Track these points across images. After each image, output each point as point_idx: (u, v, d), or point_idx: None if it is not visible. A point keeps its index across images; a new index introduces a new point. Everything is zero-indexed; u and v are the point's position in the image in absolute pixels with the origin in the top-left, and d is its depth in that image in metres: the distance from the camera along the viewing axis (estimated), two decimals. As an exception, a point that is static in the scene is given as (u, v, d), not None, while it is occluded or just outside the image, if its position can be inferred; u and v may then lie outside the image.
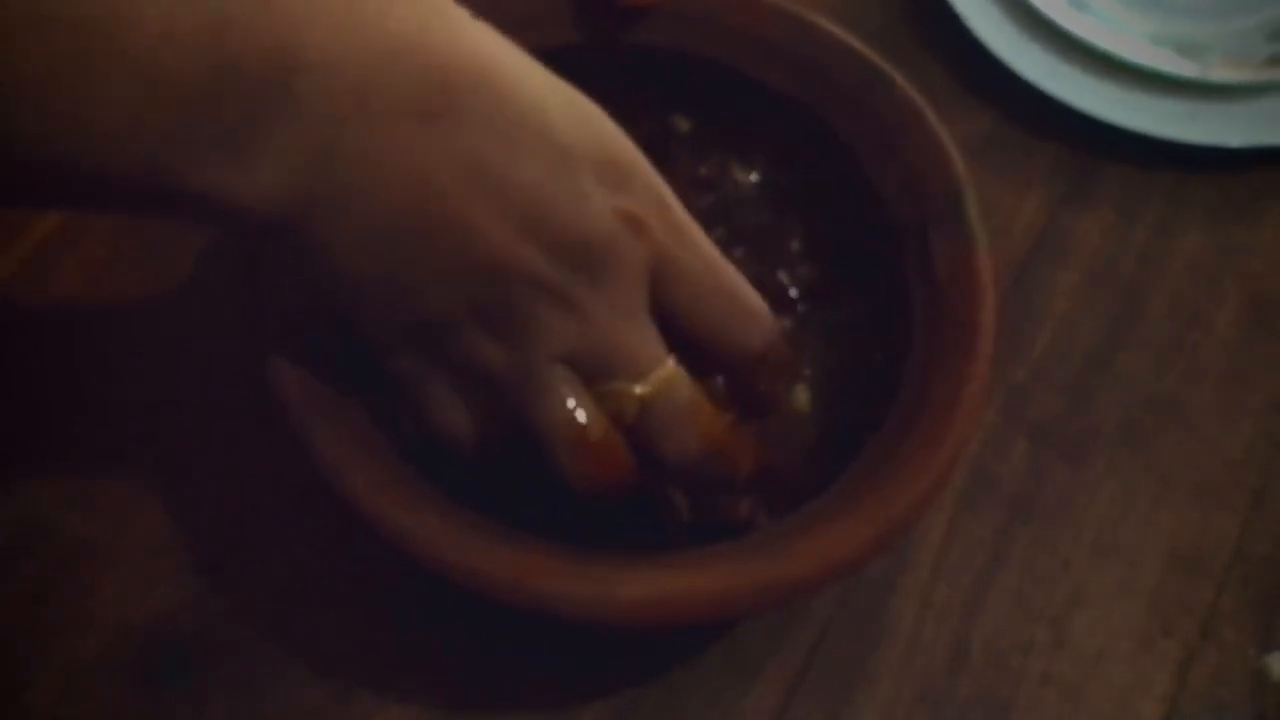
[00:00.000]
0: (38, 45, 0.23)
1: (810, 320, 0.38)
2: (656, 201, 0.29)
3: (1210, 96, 0.48)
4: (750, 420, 0.34)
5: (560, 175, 0.27)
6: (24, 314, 0.41)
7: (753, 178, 0.41)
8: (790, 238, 0.40)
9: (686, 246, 0.30)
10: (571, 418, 0.29)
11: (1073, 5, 0.50)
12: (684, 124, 0.41)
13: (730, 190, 0.41)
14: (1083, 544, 0.40)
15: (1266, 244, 0.46)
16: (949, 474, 0.32)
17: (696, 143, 0.41)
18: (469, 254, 0.27)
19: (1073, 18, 0.49)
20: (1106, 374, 0.43)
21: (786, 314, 0.38)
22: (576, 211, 0.28)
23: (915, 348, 0.33)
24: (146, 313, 0.41)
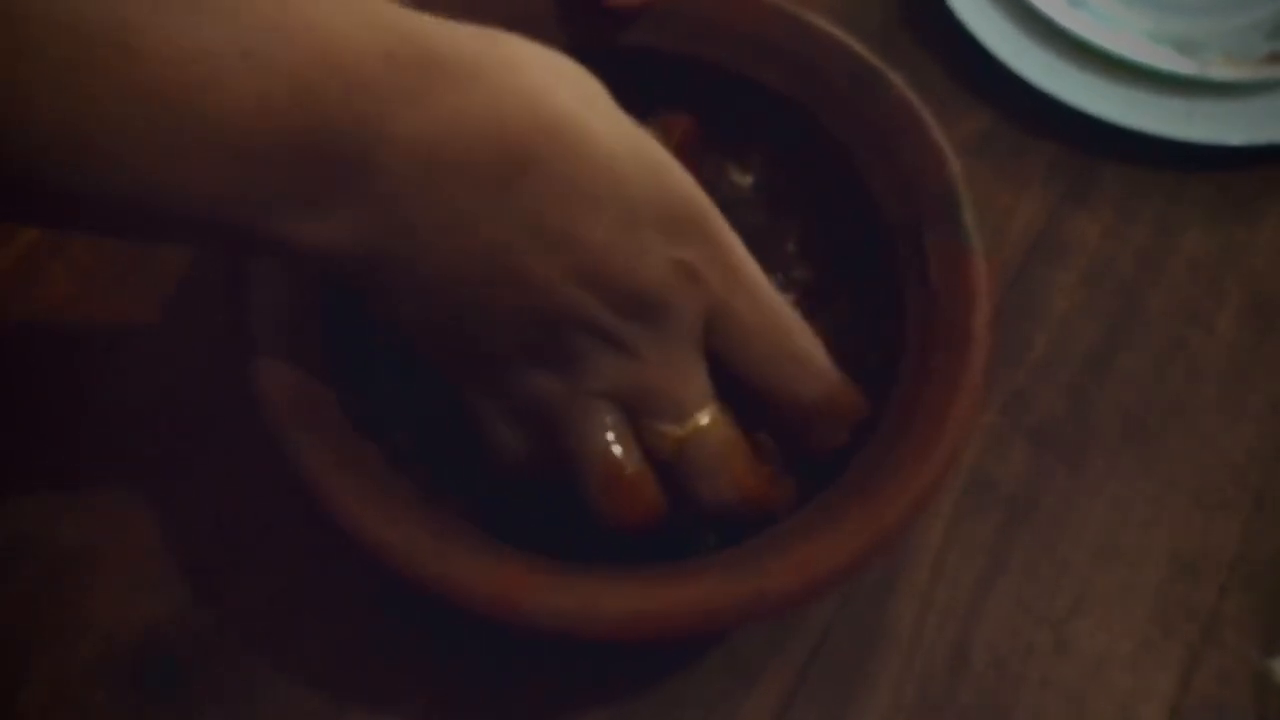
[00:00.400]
0: (137, 112, 0.24)
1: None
2: (716, 251, 0.30)
3: (1209, 94, 0.48)
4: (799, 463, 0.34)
5: (623, 231, 0.28)
6: (11, 320, 0.41)
7: (749, 179, 0.41)
8: (786, 239, 0.40)
9: (742, 295, 0.31)
10: (608, 450, 0.31)
11: (1070, 3, 0.49)
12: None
13: (727, 192, 0.40)
14: (1083, 547, 0.39)
15: (1267, 243, 0.46)
16: (939, 485, 0.31)
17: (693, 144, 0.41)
18: (528, 303, 0.29)
19: (1071, 16, 0.49)
20: (1106, 375, 0.43)
21: None
22: (634, 265, 0.29)
23: (908, 354, 0.33)
24: (135, 319, 0.41)
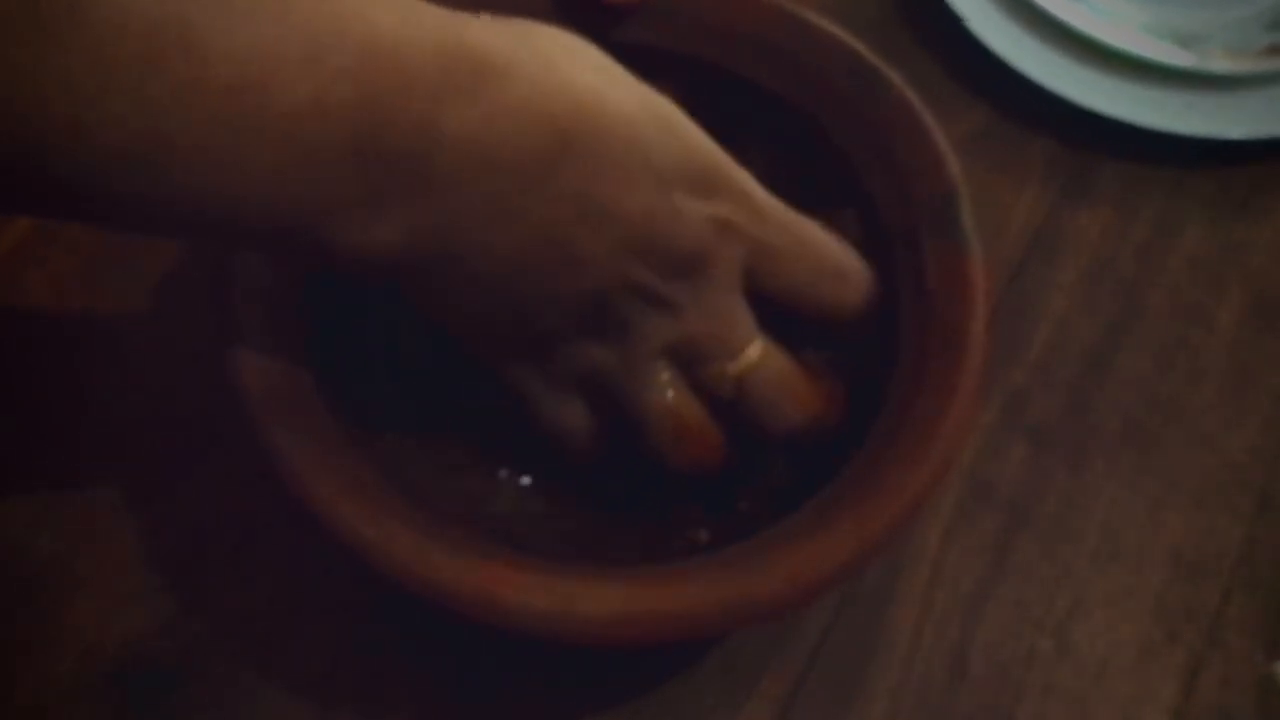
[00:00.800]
0: (201, 111, 0.24)
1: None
2: (740, 196, 0.31)
3: (1209, 87, 0.48)
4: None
5: (659, 199, 0.30)
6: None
7: None
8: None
9: (773, 230, 0.32)
10: (672, 405, 0.33)
11: (1068, -4, 0.49)
12: None
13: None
14: (1084, 550, 0.39)
15: (1269, 239, 0.46)
16: (933, 490, 0.31)
17: None
18: (581, 280, 0.30)
19: (1068, 9, 0.49)
20: (1106, 374, 0.42)
21: None
22: (673, 229, 0.30)
23: (903, 358, 0.33)
24: (116, 326, 0.41)
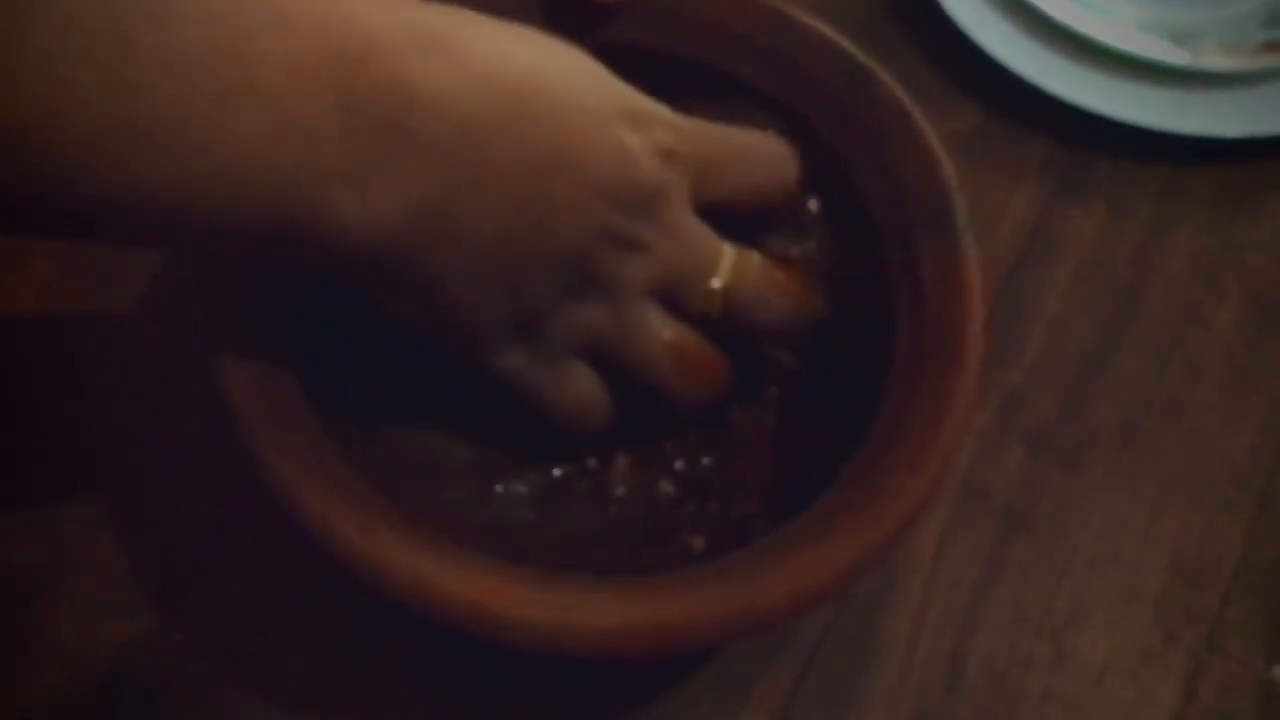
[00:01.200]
0: (176, 78, 0.24)
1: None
2: (669, 124, 0.32)
3: (1204, 85, 0.48)
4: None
5: (610, 142, 0.30)
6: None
7: None
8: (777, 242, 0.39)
9: (706, 144, 0.33)
10: (670, 344, 0.33)
11: (1061, -7, 0.49)
12: None
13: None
14: (1082, 554, 0.39)
15: (1266, 238, 0.46)
16: (930, 498, 0.31)
17: None
18: (563, 237, 0.30)
19: (1061, 6, 0.48)
20: (1103, 376, 0.42)
21: None
22: (629, 168, 0.31)
23: (899, 361, 0.33)
24: (96, 335, 0.40)
